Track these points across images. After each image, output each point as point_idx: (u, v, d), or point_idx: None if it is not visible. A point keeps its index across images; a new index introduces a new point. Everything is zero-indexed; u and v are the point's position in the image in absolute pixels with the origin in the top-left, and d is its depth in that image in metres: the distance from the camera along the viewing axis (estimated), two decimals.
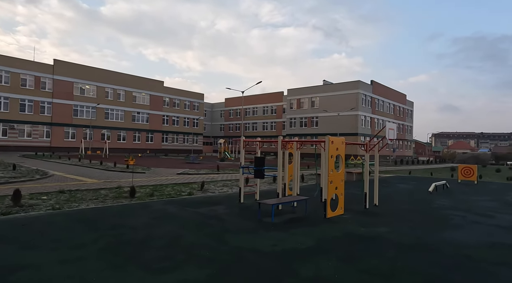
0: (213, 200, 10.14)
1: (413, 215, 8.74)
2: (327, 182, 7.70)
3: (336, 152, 8.02)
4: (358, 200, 10.40)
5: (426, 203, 11.03)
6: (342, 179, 8.32)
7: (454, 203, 11.05)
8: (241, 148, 9.83)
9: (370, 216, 8.40)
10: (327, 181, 7.70)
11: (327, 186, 7.69)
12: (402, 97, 64.90)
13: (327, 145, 7.72)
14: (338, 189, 8.13)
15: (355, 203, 10.00)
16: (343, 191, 8.39)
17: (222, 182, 15.69)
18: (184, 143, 60.89)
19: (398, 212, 9.08)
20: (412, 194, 13.18)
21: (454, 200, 11.77)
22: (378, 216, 8.44)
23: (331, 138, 7.84)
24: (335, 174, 8.00)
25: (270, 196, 10.90)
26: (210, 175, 19.02)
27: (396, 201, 11.27)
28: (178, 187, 13.07)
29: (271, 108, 66.30)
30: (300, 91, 57.34)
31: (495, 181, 21.35)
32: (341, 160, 8.37)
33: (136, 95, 53.87)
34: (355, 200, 10.42)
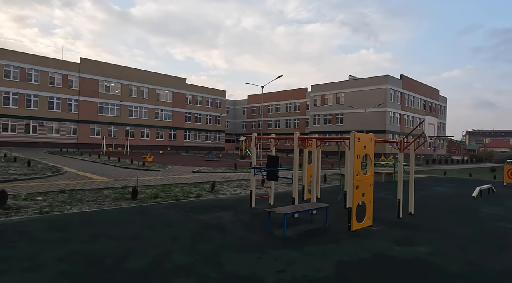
0: (222, 204, 9.04)
1: (459, 229, 7.18)
2: (352, 187, 6.35)
3: (363, 151, 6.64)
4: (388, 207, 8.92)
5: (472, 211, 9.34)
6: (371, 184, 6.93)
7: (507, 212, 9.28)
8: (253, 146, 8.64)
9: (405, 229, 6.95)
10: (352, 186, 6.35)
11: (352, 192, 6.34)
12: (435, 92, 61.02)
13: (353, 143, 6.36)
14: (365, 196, 6.75)
15: (385, 210, 8.54)
16: (372, 197, 6.99)
17: (236, 182, 14.60)
18: (206, 140, 60.64)
19: (439, 224, 7.54)
20: (453, 200, 11.44)
21: (506, 209, 9.96)
22: (415, 229, 6.97)
23: (358, 134, 6.47)
24: (362, 178, 6.63)
25: (287, 200, 9.66)
26: (226, 174, 18.02)
27: (434, 208, 9.65)
28: (188, 188, 12.11)
29: (294, 105, 64.62)
30: (325, 87, 55.23)
31: None
32: (369, 160, 6.97)
33: (159, 92, 54.09)
34: (384, 207, 8.95)
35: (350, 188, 6.39)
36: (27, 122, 41.54)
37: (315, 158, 8.15)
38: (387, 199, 10.20)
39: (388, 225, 7.12)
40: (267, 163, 8.08)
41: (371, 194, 6.94)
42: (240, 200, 9.79)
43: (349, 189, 6.39)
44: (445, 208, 9.86)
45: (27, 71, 41.43)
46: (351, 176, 6.38)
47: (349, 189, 6.39)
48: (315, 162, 8.27)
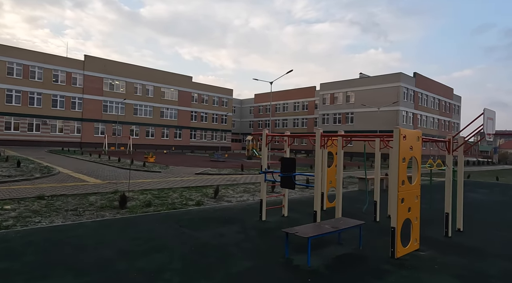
0: (225, 215, 7.55)
1: None
2: (396, 201, 4.79)
3: (409, 153, 5.07)
4: (423, 219, 7.32)
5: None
6: (418, 195, 5.36)
7: None
8: (263, 146, 7.13)
9: (464, 254, 5.36)
10: (396, 199, 4.79)
11: (396, 206, 4.78)
12: (449, 91, 58.77)
13: (397, 142, 4.81)
14: (412, 211, 5.18)
15: (423, 225, 6.94)
16: (419, 213, 5.41)
17: (243, 186, 13.10)
18: (212, 140, 59.33)
19: (504, 246, 5.93)
20: (497, 210, 9.76)
21: None
22: (477, 254, 5.38)
23: (404, 130, 4.91)
24: (408, 188, 5.07)
25: (302, 210, 8.12)
26: (232, 176, 16.54)
27: (483, 222, 8.01)
28: (188, 193, 10.65)
29: (303, 104, 62.93)
30: (334, 85, 53.44)
31: None
32: (415, 164, 5.38)
33: (164, 91, 52.96)
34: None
35: (394, 201, 4.83)
36: (30, 120, 40.69)
37: (341, 160, 6.60)
38: None
39: (439, 249, 5.53)
40: (281, 166, 6.56)
41: (418, 209, 5.36)
42: (248, 210, 8.28)
43: (393, 203, 4.83)
44: (496, 221, 8.21)
45: (30, 68, 40.57)
46: (394, 186, 4.82)
47: (393, 203, 4.83)
48: (340, 166, 6.72)
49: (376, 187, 7.51)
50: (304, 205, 9.09)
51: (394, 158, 4.85)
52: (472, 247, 5.72)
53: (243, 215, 7.66)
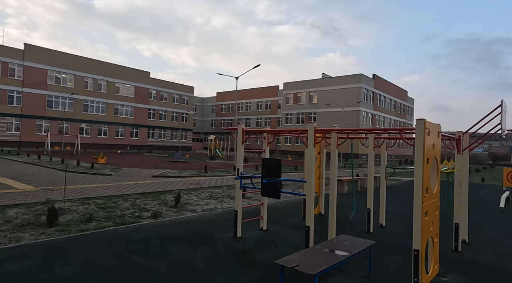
0: (190, 231, 6.01)
1: None
2: (420, 215, 3.64)
3: (432, 153, 3.97)
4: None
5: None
6: (438, 205, 4.28)
7: None
8: (239, 144, 5.71)
9: (488, 275, 4.40)
10: (420, 213, 3.64)
11: (421, 222, 3.64)
12: (403, 93, 61.64)
13: (422, 138, 3.66)
14: (434, 227, 4.08)
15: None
16: (439, 228, 4.34)
17: (209, 190, 11.54)
18: (172, 139, 56.37)
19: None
20: (484, 214, 9.26)
21: None
22: (502, 274, 4.45)
23: (428, 123, 3.78)
24: (431, 197, 3.96)
25: (283, 218, 6.80)
26: (195, 179, 14.85)
27: (482, 230, 7.29)
28: (143, 200, 8.88)
29: (266, 103, 62.27)
30: (297, 85, 53.39)
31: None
32: (435, 166, 4.29)
33: (119, 86, 49.09)
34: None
35: (417, 216, 3.67)
36: None
37: (334, 160, 5.40)
38: None
39: (459, 269, 4.52)
40: (262, 170, 5.19)
41: (438, 222, 4.29)
42: (217, 222, 6.79)
43: (416, 217, 3.67)
44: (491, 228, 7.56)
45: None
46: (418, 195, 3.67)
47: (416, 218, 3.67)
48: (334, 166, 5.51)
49: (369, 191, 6.43)
50: (282, 214, 7.81)
51: (418, 159, 3.71)
52: (494, 266, 4.80)
53: (212, 229, 6.17)
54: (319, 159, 7.79)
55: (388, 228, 6.77)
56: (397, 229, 6.75)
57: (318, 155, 7.79)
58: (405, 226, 7.11)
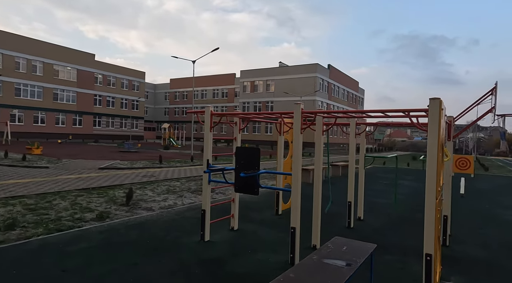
0: (144, 236, 4.94)
1: None
2: (434, 218, 3.05)
3: (442, 139, 3.38)
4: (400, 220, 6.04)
5: (499, 217, 7.13)
6: (442, 199, 3.76)
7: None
8: (207, 130, 4.73)
9: (488, 274, 4.04)
10: (434, 216, 3.05)
11: (434, 225, 3.05)
12: (355, 84, 64.09)
13: (436, 119, 3.04)
14: (438, 225, 3.55)
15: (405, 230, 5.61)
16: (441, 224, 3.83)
17: (166, 183, 10.34)
18: (122, 128, 52.55)
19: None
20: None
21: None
22: (501, 271, 4.12)
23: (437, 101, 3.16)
24: (438, 192, 3.39)
25: (253, 214, 5.99)
26: (148, 171, 13.44)
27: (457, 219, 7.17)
28: (86, 198, 7.49)
29: (222, 91, 60.75)
30: (254, 73, 52.63)
31: (487, 173, 19.11)
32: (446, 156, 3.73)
33: (58, 69, 44.09)
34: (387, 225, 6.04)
35: (430, 216, 3.07)
36: None
37: (320, 147, 4.68)
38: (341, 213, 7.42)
39: (458, 268, 4.10)
40: (236, 161, 4.30)
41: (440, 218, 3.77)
42: (178, 222, 5.78)
43: (430, 218, 3.07)
44: (464, 217, 7.50)
45: None
46: (431, 195, 3.06)
47: (429, 219, 3.07)
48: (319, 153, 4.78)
49: (350, 182, 5.87)
50: (252, 209, 7.01)
51: (432, 147, 3.08)
52: (489, 262, 4.49)
53: (173, 232, 5.16)
54: (291, 148, 7.08)
55: (367, 222, 6.32)
56: (376, 222, 6.33)
57: (291, 143, 7.08)
58: (383, 218, 6.75)
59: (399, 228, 6.03)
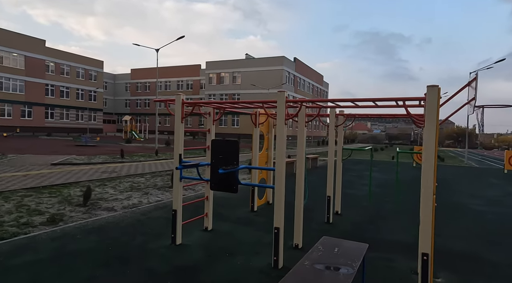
0: (106, 243, 4.33)
1: None
2: (431, 214, 2.84)
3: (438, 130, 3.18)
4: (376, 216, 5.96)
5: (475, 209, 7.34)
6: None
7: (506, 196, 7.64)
8: (177, 121, 4.20)
9: (476, 270, 3.98)
10: (431, 212, 2.84)
11: (431, 222, 2.84)
12: (320, 77, 65.31)
13: (435, 108, 2.82)
14: None
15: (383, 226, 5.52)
16: None
17: (129, 179, 9.56)
18: (78, 121, 49.14)
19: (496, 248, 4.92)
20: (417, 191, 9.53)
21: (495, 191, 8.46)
22: (485, 265, 4.09)
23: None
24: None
25: (226, 212, 5.57)
26: (109, 166, 12.44)
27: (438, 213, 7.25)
28: (35, 198, 6.59)
29: (187, 83, 58.93)
30: (221, 65, 51.63)
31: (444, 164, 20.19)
32: None
33: (3, 55, 39.97)
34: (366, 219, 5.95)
35: (427, 213, 2.85)
36: None
37: (302, 138, 4.35)
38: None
39: (448, 265, 4.00)
40: (212, 155, 3.84)
41: None
42: (146, 225, 5.20)
43: (427, 215, 2.85)
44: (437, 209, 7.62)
45: None
46: (428, 189, 2.85)
47: (426, 216, 2.86)
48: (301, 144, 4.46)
49: (330, 176, 5.63)
50: (225, 205, 6.57)
51: (430, 138, 2.85)
52: (472, 256, 4.46)
53: (140, 236, 4.59)
54: (267, 141, 6.73)
55: (345, 216, 6.16)
56: (354, 216, 6.19)
57: (266, 136, 6.73)
58: (359, 211, 6.64)
59: (377, 221, 5.94)
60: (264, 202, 6.84)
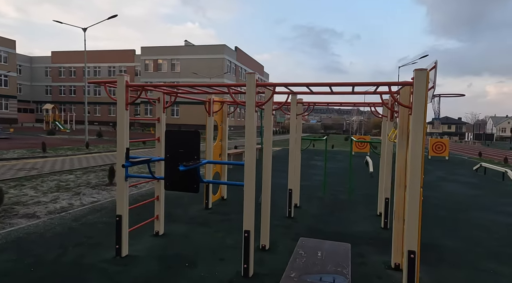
0: (25, 262, 3.41)
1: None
2: (418, 206, 2.65)
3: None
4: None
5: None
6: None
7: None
8: (120, 108, 3.41)
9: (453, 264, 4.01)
10: (418, 204, 2.65)
11: (418, 215, 2.65)
12: (261, 68, 65.78)
13: (423, 93, 2.61)
14: None
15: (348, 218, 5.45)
16: None
17: (54, 177, 8.17)
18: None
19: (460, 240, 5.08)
20: (368, 181, 9.88)
21: None
22: (453, 258, 4.16)
23: None
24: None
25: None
26: (27, 162, 10.59)
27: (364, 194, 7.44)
28: None
29: (120, 69, 54.34)
30: (158, 51, 48.59)
31: None
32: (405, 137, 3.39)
33: None
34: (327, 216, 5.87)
35: (414, 208, 2.66)
36: None
37: (269, 127, 3.92)
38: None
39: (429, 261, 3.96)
40: (167, 149, 3.19)
41: None
42: (79, 233, 4.29)
43: (413, 210, 2.66)
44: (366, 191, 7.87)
45: None
46: (416, 179, 2.65)
47: (413, 211, 2.66)
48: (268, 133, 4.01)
49: (291, 167, 5.33)
50: (171, 204, 5.87)
51: (417, 125, 2.64)
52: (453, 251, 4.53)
53: (72, 249, 3.73)
54: (221, 131, 6.18)
55: (304, 209, 5.96)
56: (313, 209, 6.02)
57: (220, 126, 6.17)
58: (316, 203, 6.50)
59: (336, 213, 5.84)
60: (219, 197, 6.31)
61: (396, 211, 3.34)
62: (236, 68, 51.37)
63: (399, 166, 3.29)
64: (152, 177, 3.40)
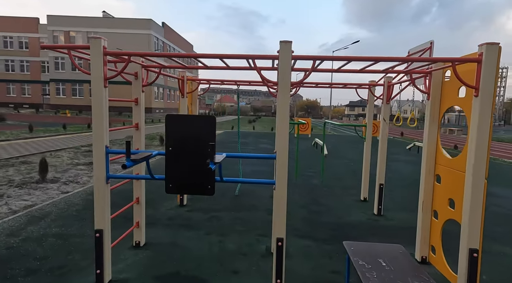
0: None
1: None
2: (480, 212, 2.43)
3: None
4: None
5: None
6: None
7: None
8: (99, 83, 2.44)
9: None
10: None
11: (481, 223, 2.44)
12: (190, 47, 62.82)
13: (493, 72, 2.34)
14: (457, 206, 3.05)
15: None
16: None
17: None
18: None
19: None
20: (326, 163, 9.94)
21: None
22: None
23: None
24: (450, 164, 2.84)
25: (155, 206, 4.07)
26: None
27: (352, 183, 7.46)
28: None
29: (20, 41, 45.99)
30: (70, 21, 42.19)
31: None
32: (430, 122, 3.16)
33: None
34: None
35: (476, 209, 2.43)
36: None
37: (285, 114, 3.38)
38: None
39: None
40: (168, 140, 2.40)
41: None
42: (20, 255, 3.17)
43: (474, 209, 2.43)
44: (356, 181, 7.96)
45: None
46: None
47: (475, 211, 2.43)
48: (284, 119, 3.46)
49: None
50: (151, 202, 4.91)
51: (485, 114, 2.37)
52: None
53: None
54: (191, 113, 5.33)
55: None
56: (294, 197, 5.69)
57: (190, 108, 5.32)
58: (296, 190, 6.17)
59: (321, 201, 5.62)
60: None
61: (425, 201, 3.14)
62: (164, 46, 47.90)
63: (429, 152, 3.07)
64: (152, 178, 2.54)
